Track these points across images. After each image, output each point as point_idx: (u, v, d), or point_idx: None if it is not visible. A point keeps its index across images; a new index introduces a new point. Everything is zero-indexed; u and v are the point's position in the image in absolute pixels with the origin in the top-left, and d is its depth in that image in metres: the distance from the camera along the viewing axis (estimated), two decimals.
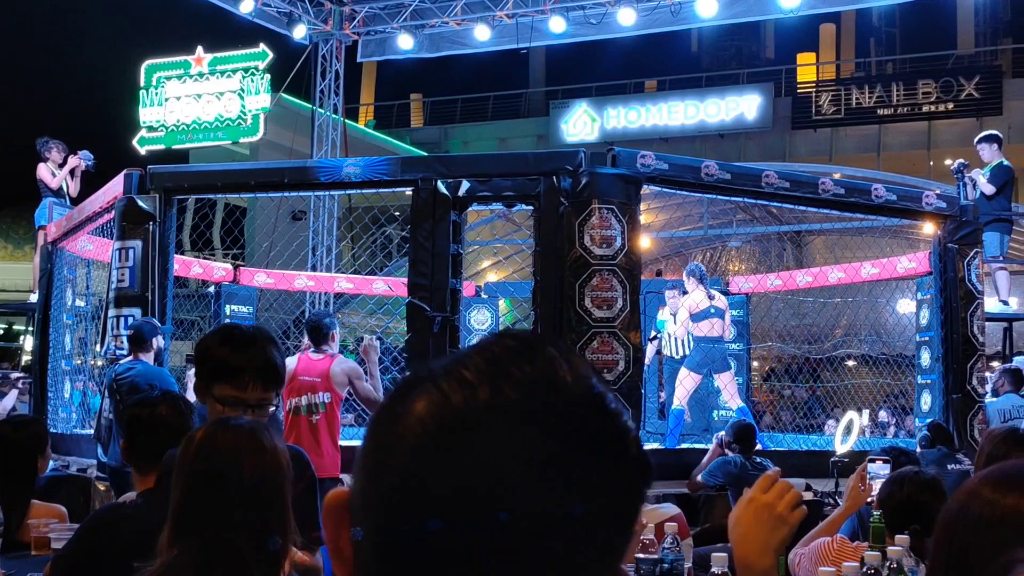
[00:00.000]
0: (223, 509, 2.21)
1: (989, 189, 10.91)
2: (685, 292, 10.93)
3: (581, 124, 30.42)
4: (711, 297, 10.55)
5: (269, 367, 2.86)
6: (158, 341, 7.18)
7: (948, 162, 22.65)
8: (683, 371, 10.52)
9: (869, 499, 4.21)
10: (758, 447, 7.71)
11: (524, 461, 0.74)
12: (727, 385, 10.60)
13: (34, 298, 11.71)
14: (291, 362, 7.15)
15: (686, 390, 10.36)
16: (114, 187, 8.83)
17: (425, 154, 23.94)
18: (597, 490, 0.76)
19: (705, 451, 7.85)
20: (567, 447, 0.76)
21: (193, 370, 7.89)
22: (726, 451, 7.31)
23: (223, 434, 2.32)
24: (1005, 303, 11.34)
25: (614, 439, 0.79)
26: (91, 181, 11.91)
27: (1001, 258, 11.13)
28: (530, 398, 0.77)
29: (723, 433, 7.58)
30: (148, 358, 6.99)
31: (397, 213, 15.15)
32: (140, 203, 8.41)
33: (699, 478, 7.34)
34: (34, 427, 4.40)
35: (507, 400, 0.76)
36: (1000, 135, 11.72)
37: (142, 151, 15.25)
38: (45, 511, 4.13)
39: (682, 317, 10.82)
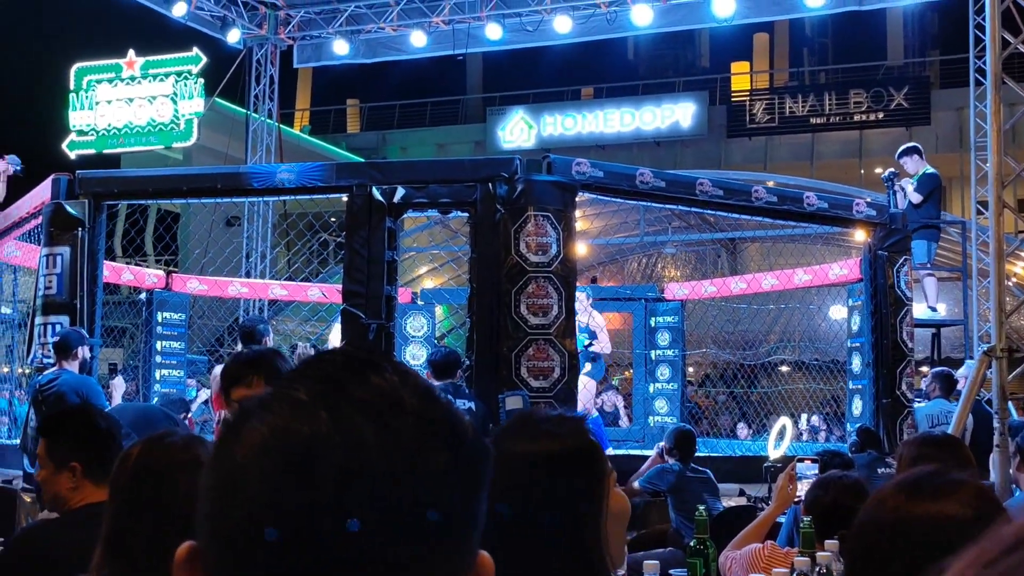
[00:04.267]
0: (158, 528, 2.15)
1: (916, 198, 11.10)
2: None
3: (518, 131, 30.49)
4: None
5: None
6: (84, 351, 7.06)
7: (879, 170, 23.03)
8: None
9: (797, 499, 4.25)
10: None
11: (371, 476, 0.75)
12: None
13: None
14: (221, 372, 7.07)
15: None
16: (42, 192, 8.67)
17: (361, 160, 23.81)
18: (447, 490, 0.79)
19: (641, 457, 7.89)
20: (412, 454, 0.78)
21: (119, 378, 7.76)
22: (667, 459, 7.33)
23: (158, 451, 2.26)
24: (933, 309, 11.54)
25: (456, 440, 0.81)
26: (17, 186, 11.65)
27: (928, 265, 11.33)
28: (370, 416, 0.78)
29: (664, 442, 7.60)
30: (73, 367, 6.87)
31: (333, 219, 15.05)
32: (68, 209, 8.25)
33: (635, 484, 7.36)
34: None
35: (349, 421, 0.77)
36: (919, 146, 11.91)
37: (72, 155, 14.98)
38: None
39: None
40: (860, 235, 9.75)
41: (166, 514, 2.17)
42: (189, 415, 8.57)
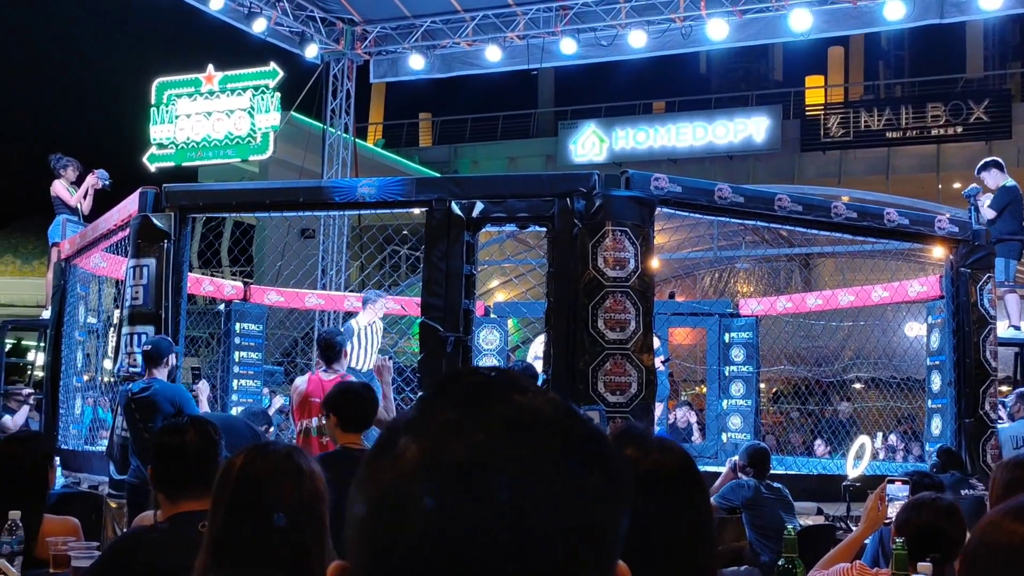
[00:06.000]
0: (263, 535, 2.21)
1: (990, 214, 10.87)
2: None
3: (589, 145, 30.47)
4: None
5: None
6: (172, 359, 7.20)
7: (957, 185, 22.64)
8: None
9: (887, 520, 4.19)
10: None
11: (531, 495, 0.76)
12: None
13: (46, 314, 11.73)
14: (301, 383, 7.18)
15: None
16: (129, 205, 8.85)
17: (435, 174, 23.98)
18: (599, 506, 0.79)
19: (714, 474, 7.83)
20: (567, 473, 0.78)
21: (203, 383, 7.88)
22: (740, 475, 7.27)
23: (261, 460, 2.32)
24: (1017, 328, 11.31)
25: (602, 455, 0.82)
26: (101, 198, 11.95)
27: (1008, 283, 11.09)
28: (521, 435, 0.78)
29: (737, 457, 7.55)
30: (162, 375, 7.00)
31: (407, 232, 15.19)
32: (155, 221, 8.42)
33: (711, 501, 7.30)
34: (37, 442, 4.43)
35: (502, 441, 0.78)
36: (999, 160, 11.68)
37: (152, 168, 15.31)
38: (58, 525, 4.13)
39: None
40: (938, 251, 9.59)
41: (269, 521, 2.23)
42: (271, 427, 8.69)
